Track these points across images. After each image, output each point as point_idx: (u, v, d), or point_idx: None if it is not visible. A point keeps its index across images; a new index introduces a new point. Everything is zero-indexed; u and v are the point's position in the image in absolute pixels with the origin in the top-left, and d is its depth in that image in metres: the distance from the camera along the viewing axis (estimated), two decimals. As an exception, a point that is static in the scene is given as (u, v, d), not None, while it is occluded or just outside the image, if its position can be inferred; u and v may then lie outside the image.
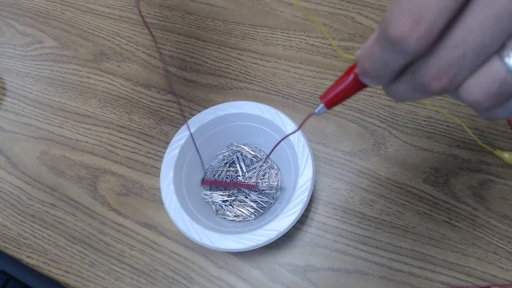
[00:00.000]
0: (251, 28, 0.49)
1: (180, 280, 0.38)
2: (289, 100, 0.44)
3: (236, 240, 0.32)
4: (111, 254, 0.40)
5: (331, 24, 0.47)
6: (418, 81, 0.18)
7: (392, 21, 0.16)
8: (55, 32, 0.54)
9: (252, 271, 0.37)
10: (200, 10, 0.52)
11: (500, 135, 0.39)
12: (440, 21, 0.15)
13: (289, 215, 0.32)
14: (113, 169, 0.44)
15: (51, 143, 0.47)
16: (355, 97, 0.43)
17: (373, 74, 0.19)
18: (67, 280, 0.40)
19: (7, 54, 0.54)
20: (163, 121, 0.46)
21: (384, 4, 0.47)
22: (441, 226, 0.37)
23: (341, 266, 0.37)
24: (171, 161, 0.36)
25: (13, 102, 0.51)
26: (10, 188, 0.45)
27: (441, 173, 0.39)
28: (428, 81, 0.17)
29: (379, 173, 0.40)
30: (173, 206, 0.34)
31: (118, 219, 0.42)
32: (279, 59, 0.47)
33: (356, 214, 0.38)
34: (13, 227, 0.43)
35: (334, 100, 0.22)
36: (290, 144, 0.36)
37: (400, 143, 0.40)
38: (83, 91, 0.49)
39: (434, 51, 0.16)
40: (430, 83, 0.17)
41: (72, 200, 0.43)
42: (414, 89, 0.18)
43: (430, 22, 0.15)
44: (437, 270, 0.35)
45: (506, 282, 0.34)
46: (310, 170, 0.34)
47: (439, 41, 0.16)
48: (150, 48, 0.50)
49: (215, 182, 0.39)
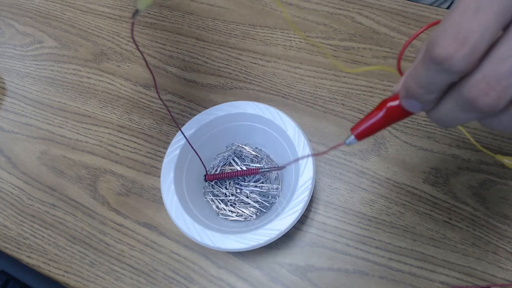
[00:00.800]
0: (251, 28, 0.49)
1: (180, 280, 0.38)
2: (289, 100, 0.44)
3: (237, 240, 0.32)
4: (111, 254, 0.40)
5: (331, 24, 0.47)
6: (464, 98, 0.17)
7: (437, 42, 0.16)
8: (55, 32, 0.54)
9: (252, 271, 0.37)
10: (200, 10, 0.52)
11: (500, 135, 0.39)
12: (483, 42, 0.16)
13: (290, 214, 0.32)
14: (113, 169, 0.44)
15: (51, 143, 0.47)
16: (355, 97, 0.43)
17: (418, 94, 0.19)
18: (67, 280, 0.40)
19: (7, 54, 0.54)
20: (163, 121, 0.46)
21: (384, 4, 0.47)
22: (441, 226, 0.37)
23: (341, 266, 0.37)
24: (172, 161, 0.36)
25: (13, 102, 0.50)
26: (10, 188, 0.45)
27: (441, 173, 0.39)
28: (475, 96, 0.17)
29: (379, 173, 0.40)
30: (174, 206, 0.34)
31: (118, 219, 0.42)
32: (279, 59, 0.47)
33: (356, 214, 0.38)
34: (13, 227, 0.43)
35: (365, 133, 0.22)
36: (290, 143, 0.36)
37: (400, 143, 0.40)
38: (83, 91, 0.49)
39: (481, 67, 0.17)
40: (477, 99, 0.17)
41: (72, 200, 0.43)
42: (460, 108, 0.18)
43: (474, 43, 0.16)
44: (437, 270, 0.35)
45: (506, 282, 0.34)
46: (310, 169, 0.34)
47: (485, 58, 0.17)
48: (150, 48, 0.50)
49: (218, 175, 0.39)
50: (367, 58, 0.45)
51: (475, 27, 0.16)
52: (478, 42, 0.16)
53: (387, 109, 0.21)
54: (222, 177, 0.39)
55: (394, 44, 0.45)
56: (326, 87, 0.44)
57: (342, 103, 0.43)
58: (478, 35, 0.16)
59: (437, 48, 0.16)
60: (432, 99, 0.19)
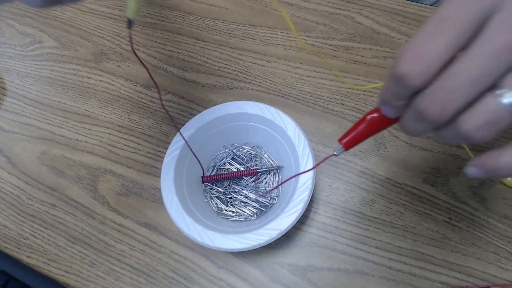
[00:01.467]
0: (251, 28, 0.49)
1: (180, 280, 0.38)
2: (289, 100, 0.44)
3: (238, 240, 0.32)
4: (111, 254, 0.40)
5: (331, 24, 0.47)
6: (417, 109, 0.19)
7: (398, 61, 0.19)
8: (55, 32, 0.54)
9: (252, 271, 0.37)
10: (200, 10, 0.52)
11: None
12: (437, 62, 0.18)
13: (290, 214, 0.32)
14: (113, 169, 0.44)
15: (51, 143, 0.47)
16: (355, 97, 0.43)
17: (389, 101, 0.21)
18: (67, 280, 0.40)
19: (7, 54, 0.54)
20: (163, 121, 0.46)
21: (384, 4, 0.47)
22: (441, 226, 0.37)
23: (341, 266, 0.37)
24: (172, 162, 0.36)
25: (13, 102, 0.50)
26: (10, 188, 0.45)
27: (441, 173, 0.39)
28: (423, 108, 0.19)
29: (379, 173, 0.40)
30: (174, 207, 0.34)
31: (118, 219, 0.42)
32: (279, 59, 0.47)
33: (356, 214, 0.38)
34: (13, 227, 0.43)
35: (352, 142, 0.25)
36: (290, 143, 0.36)
37: (400, 143, 0.40)
38: (83, 91, 0.49)
39: (433, 82, 0.18)
40: (425, 110, 0.19)
41: (72, 200, 0.43)
42: (416, 118, 0.20)
43: (428, 62, 0.18)
44: (437, 270, 0.35)
45: (506, 282, 0.34)
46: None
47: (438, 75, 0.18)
48: (150, 48, 0.50)
49: (215, 177, 0.39)
50: (367, 58, 0.45)
51: (432, 48, 0.18)
52: (433, 62, 0.18)
53: (369, 120, 0.24)
54: (219, 179, 0.39)
55: (394, 44, 0.45)
56: (326, 87, 0.44)
57: (342, 103, 0.43)
58: (433, 56, 0.18)
59: (399, 66, 0.19)
60: (401, 105, 0.21)
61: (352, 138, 0.25)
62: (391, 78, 0.20)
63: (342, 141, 0.25)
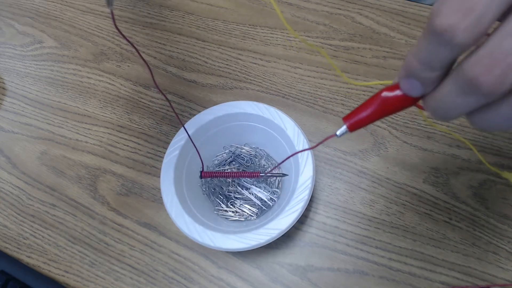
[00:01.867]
0: (251, 28, 0.49)
1: (180, 280, 0.38)
2: (289, 100, 0.44)
3: (238, 239, 0.32)
4: (111, 254, 0.40)
5: (331, 24, 0.47)
6: (465, 77, 0.16)
7: (439, 12, 0.15)
8: (55, 32, 0.54)
9: (252, 271, 0.37)
10: (200, 10, 0.52)
11: (500, 135, 0.39)
12: (489, 14, 0.14)
13: (290, 214, 0.32)
14: (113, 169, 0.44)
15: (51, 143, 0.47)
16: (355, 97, 0.43)
17: (419, 70, 0.17)
18: (67, 280, 0.40)
19: (7, 54, 0.54)
20: (163, 121, 0.46)
21: (384, 4, 0.47)
22: (441, 226, 0.37)
23: (341, 266, 0.37)
24: (171, 162, 0.36)
25: (13, 102, 0.50)
26: (10, 188, 0.45)
27: (441, 173, 0.39)
28: (477, 74, 0.15)
29: (379, 173, 0.40)
30: (174, 207, 0.34)
31: (118, 219, 0.42)
32: (279, 59, 0.47)
33: (356, 214, 0.38)
34: (13, 227, 0.43)
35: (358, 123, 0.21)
36: (290, 143, 0.36)
37: (400, 143, 0.40)
38: (83, 91, 0.49)
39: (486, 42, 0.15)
40: (479, 77, 0.15)
41: (72, 200, 0.43)
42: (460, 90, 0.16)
43: (479, 14, 0.14)
44: (437, 270, 0.35)
45: (506, 282, 0.34)
46: (310, 168, 0.34)
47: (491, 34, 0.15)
48: (150, 48, 0.50)
49: (214, 173, 0.39)
50: (367, 58, 0.45)
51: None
52: (484, 14, 0.14)
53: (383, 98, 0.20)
54: (218, 176, 0.39)
55: (394, 44, 0.45)
56: (326, 87, 0.44)
57: (342, 103, 0.43)
58: (485, 6, 0.14)
59: (439, 18, 0.15)
60: (433, 78, 0.17)
61: (359, 119, 0.21)
62: (425, 36, 0.16)
63: (347, 120, 0.21)
